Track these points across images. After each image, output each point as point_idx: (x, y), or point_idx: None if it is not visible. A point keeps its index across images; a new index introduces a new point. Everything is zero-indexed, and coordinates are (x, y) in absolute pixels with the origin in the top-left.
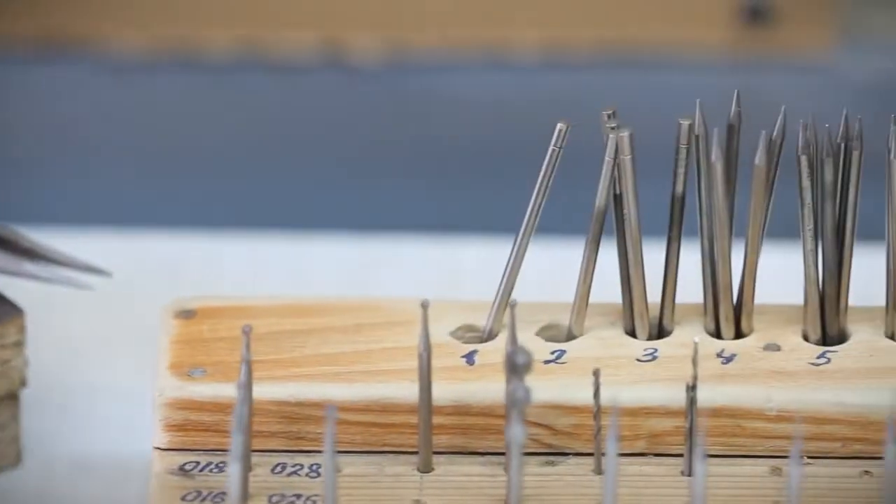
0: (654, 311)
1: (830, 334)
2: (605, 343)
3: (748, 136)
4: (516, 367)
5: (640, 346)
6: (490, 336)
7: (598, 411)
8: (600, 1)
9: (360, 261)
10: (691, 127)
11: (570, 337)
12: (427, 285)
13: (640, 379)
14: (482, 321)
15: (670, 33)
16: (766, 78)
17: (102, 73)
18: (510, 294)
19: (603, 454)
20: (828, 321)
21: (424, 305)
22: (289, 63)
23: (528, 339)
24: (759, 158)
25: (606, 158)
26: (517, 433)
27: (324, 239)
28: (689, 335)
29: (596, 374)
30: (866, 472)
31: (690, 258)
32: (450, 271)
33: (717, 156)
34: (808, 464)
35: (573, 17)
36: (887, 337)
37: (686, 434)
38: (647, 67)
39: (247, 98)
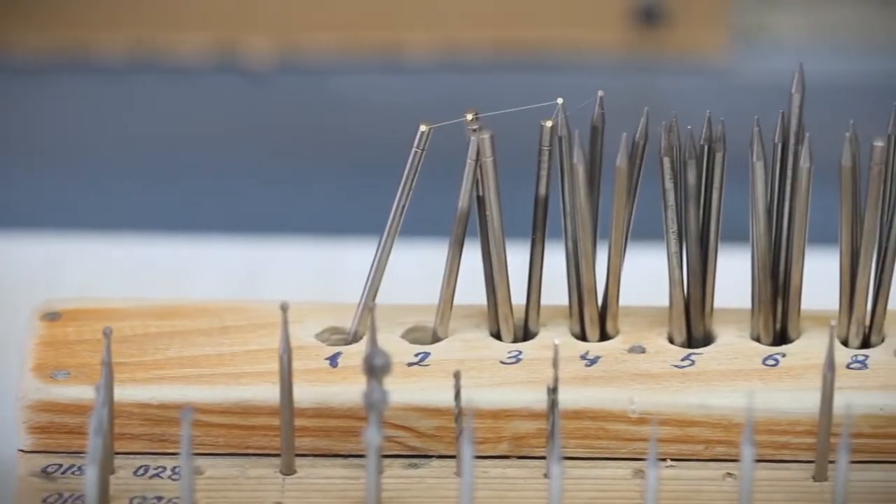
0: (521, 314)
1: (696, 336)
2: (469, 345)
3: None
4: (374, 369)
5: (504, 348)
6: (355, 338)
7: (459, 414)
8: (494, 2)
9: (248, 263)
10: (553, 129)
11: (436, 339)
12: (314, 287)
13: (504, 381)
14: (349, 323)
15: (565, 34)
16: (660, 79)
17: None
18: (374, 296)
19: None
20: (693, 323)
21: (284, 308)
22: (182, 65)
23: (393, 341)
24: (620, 160)
25: (468, 160)
26: (373, 436)
27: (211, 241)
28: (554, 337)
29: (456, 376)
30: (729, 474)
31: (557, 260)
32: (336, 273)
33: (578, 158)
34: (671, 466)
35: (467, 18)
36: (753, 339)
37: (548, 436)
38: (542, 69)
39: (139, 100)
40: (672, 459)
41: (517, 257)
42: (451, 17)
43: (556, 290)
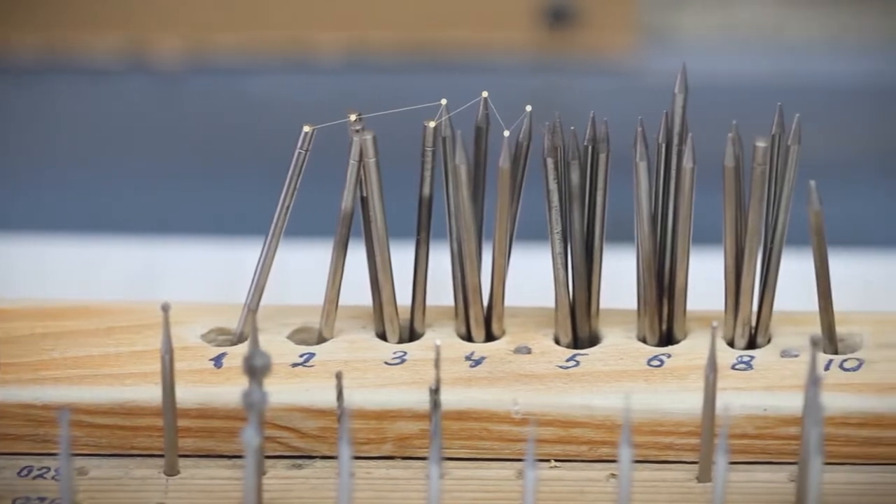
0: (407, 314)
1: (582, 337)
2: (354, 346)
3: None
4: (254, 369)
5: (389, 349)
6: (240, 339)
7: (341, 414)
8: (404, 3)
9: (148, 263)
10: (437, 129)
11: (321, 340)
12: (215, 288)
13: (388, 382)
14: (235, 324)
15: (474, 35)
16: (569, 79)
17: None
18: (260, 297)
19: (353, 458)
20: (579, 324)
21: (165, 308)
22: (92, 65)
23: (279, 342)
24: (503, 161)
25: (351, 161)
26: (251, 436)
27: (112, 242)
28: (440, 338)
29: (338, 376)
30: (613, 475)
31: (444, 260)
32: (237, 273)
33: (461, 158)
34: (555, 467)
35: (376, 18)
36: (639, 340)
37: (430, 437)
38: (451, 69)
39: (48, 100)
40: (556, 460)
41: (404, 258)
42: (359, 18)
43: (444, 291)
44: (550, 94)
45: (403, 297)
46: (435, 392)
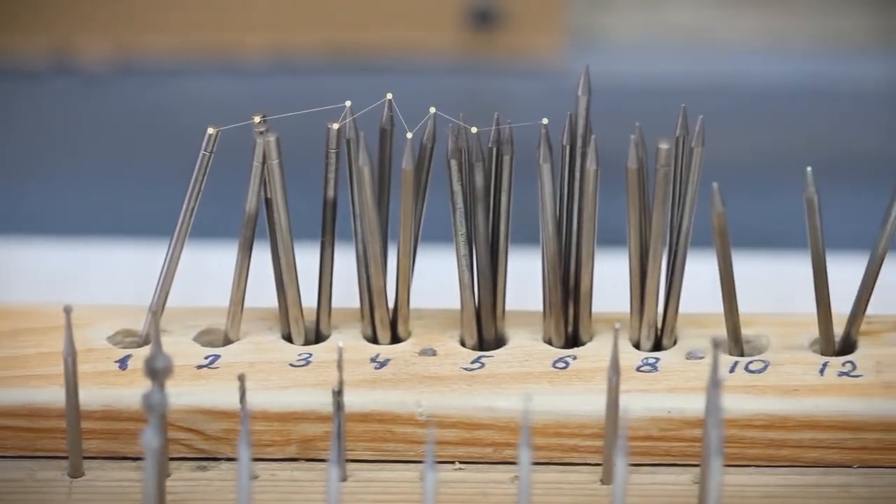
0: (314, 316)
1: (487, 339)
2: (259, 348)
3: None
4: (155, 371)
5: (294, 350)
6: (146, 341)
7: (245, 416)
8: (330, 4)
9: (67, 265)
10: (340, 131)
11: (227, 342)
12: (135, 289)
13: (292, 384)
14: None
15: (400, 36)
16: (495, 80)
17: None
18: (165, 299)
19: (254, 459)
20: (484, 326)
21: (67, 310)
22: (19, 67)
23: (185, 343)
24: (406, 162)
25: (255, 163)
26: (150, 438)
27: (33, 243)
28: (345, 340)
29: (241, 378)
30: (517, 476)
31: (351, 262)
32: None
33: (364, 160)
34: (460, 469)
35: (303, 20)
36: (545, 342)
37: (333, 439)
38: (378, 70)
39: None
40: (461, 462)
41: (311, 259)
42: (286, 20)
43: (351, 293)
44: (477, 96)
45: (311, 298)
46: (338, 394)
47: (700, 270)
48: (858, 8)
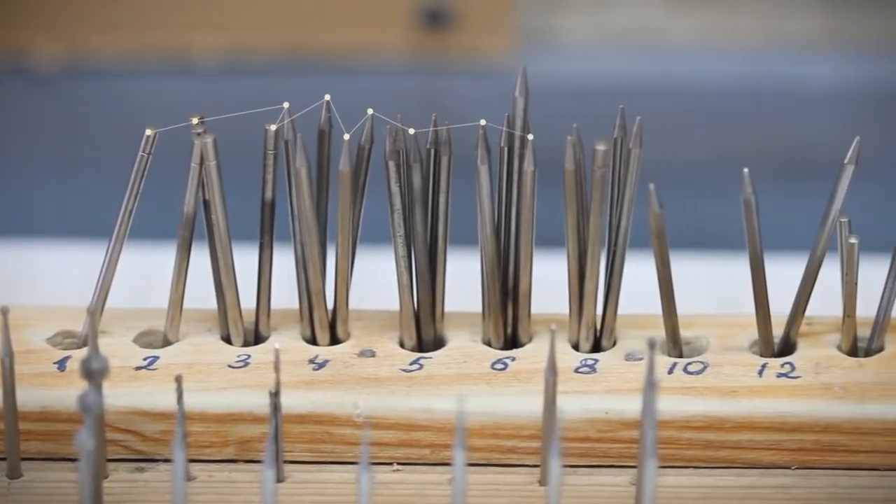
0: (253, 317)
1: (426, 340)
2: (198, 349)
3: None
4: (91, 373)
5: (233, 352)
6: (86, 342)
7: (181, 417)
8: (282, 5)
9: (16, 266)
10: (278, 132)
11: (167, 343)
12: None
13: (230, 385)
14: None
15: (351, 37)
16: (446, 81)
17: None
18: (104, 300)
19: (192, 461)
20: (423, 327)
21: (4, 312)
22: None
23: (124, 344)
24: (343, 164)
25: (192, 164)
26: (85, 439)
27: None
28: (284, 341)
29: (178, 379)
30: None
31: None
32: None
33: (301, 162)
34: (398, 470)
35: (255, 21)
36: (484, 343)
37: (270, 440)
38: (329, 71)
39: None
40: (398, 463)
41: (251, 261)
42: (238, 21)
43: (291, 294)
44: (428, 97)
45: (251, 299)
46: (274, 395)
47: (641, 272)
48: (804, 9)
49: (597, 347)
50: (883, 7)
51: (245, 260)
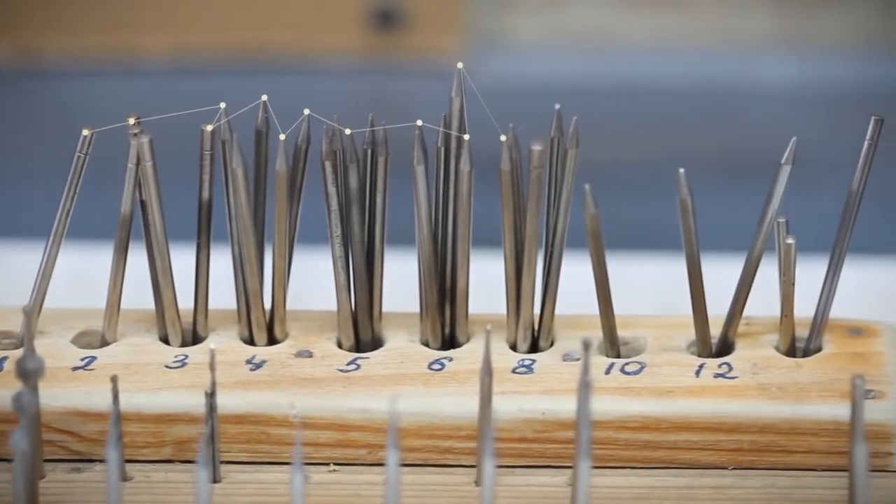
0: (192, 317)
1: (364, 340)
2: (136, 349)
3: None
4: (26, 373)
5: (170, 352)
6: (23, 343)
7: (117, 418)
8: (232, 7)
9: None
10: (215, 133)
11: (105, 343)
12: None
13: (167, 385)
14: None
15: (303, 38)
16: (399, 82)
17: None
18: (42, 300)
19: (129, 461)
20: (361, 327)
21: None
22: None
23: (62, 345)
24: (279, 164)
25: (129, 165)
26: (19, 440)
27: None
28: (222, 342)
29: (113, 380)
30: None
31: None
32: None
33: (237, 162)
34: (334, 471)
35: (204, 22)
36: (422, 343)
37: (206, 441)
38: (281, 72)
39: None
40: (335, 464)
41: (189, 261)
42: (187, 22)
43: (230, 294)
44: (380, 97)
45: (190, 300)
46: (210, 396)
47: (582, 272)
48: (757, 10)
49: (535, 348)
50: (834, 8)
51: (184, 260)
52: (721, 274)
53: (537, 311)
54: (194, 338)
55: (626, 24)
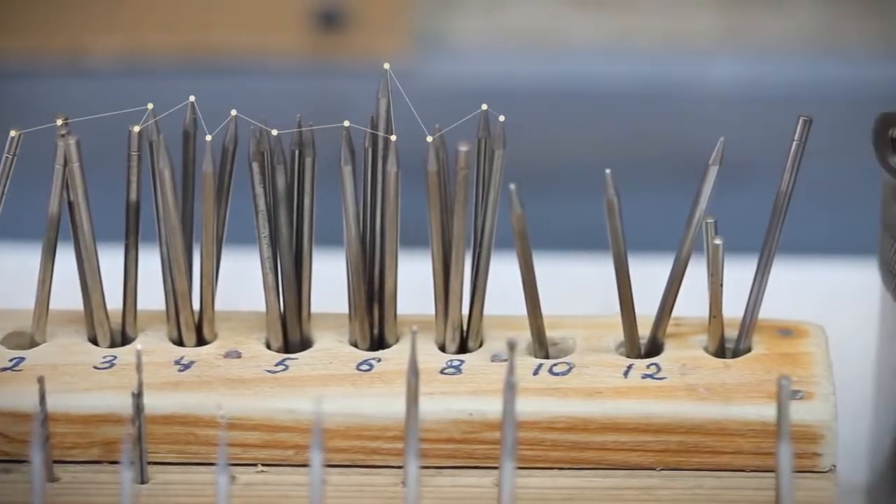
0: (121, 318)
1: (293, 341)
2: (65, 350)
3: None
4: None
5: (100, 353)
6: None
7: (43, 419)
8: (179, 7)
9: None
10: (142, 134)
11: (34, 344)
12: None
13: (95, 386)
14: None
15: (247, 39)
16: (341, 82)
17: None
18: None
19: (57, 462)
20: (289, 328)
21: None
22: None
23: None
24: (206, 165)
25: (56, 166)
26: None
27: None
28: (150, 342)
29: (40, 381)
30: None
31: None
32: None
33: (164, 163)
34: (262, 472)
35: (152, 22)
36: (351, 344)
37: (134, 442)
38: (226, 72)
39: None
40: (263, 465)
41: (118, 262)
42: (134, 22)
43: (158, 295)
44: (322, 98)
45: (120, 300)
46: (137, 396)
47: (512, 273)
48: (703, 10)
49: (463, 348)
50: (782, 8)
51: (113, 261)
52: (652, 274)
53: (466, 311)
54: (123, 338)
55: (570, 24)
